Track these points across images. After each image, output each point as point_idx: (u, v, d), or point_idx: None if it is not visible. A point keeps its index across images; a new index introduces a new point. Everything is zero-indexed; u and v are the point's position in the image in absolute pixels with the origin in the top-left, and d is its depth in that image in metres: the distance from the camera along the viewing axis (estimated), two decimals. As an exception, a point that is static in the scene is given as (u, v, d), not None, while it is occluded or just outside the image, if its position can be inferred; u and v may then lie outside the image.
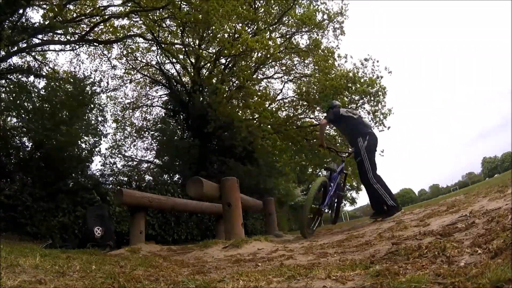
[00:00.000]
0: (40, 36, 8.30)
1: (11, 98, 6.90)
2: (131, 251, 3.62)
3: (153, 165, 11.90)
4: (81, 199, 6.38)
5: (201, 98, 10.89)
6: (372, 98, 10.46)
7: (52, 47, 9.09)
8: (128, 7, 6.88)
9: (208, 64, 11.56)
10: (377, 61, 10.57)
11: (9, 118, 7.44)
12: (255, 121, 10.38)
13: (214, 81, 10.74)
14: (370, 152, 3.65)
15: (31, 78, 8.34)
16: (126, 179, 8.63)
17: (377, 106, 10.64)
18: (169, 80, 12.26)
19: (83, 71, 10.51)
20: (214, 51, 11.12)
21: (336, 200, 3.95)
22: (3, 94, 7.31)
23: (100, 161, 8.07)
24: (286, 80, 12.46)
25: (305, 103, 11.68)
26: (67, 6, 6.83)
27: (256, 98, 10.26)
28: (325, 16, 10.79)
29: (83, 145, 7.32)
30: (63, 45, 8.84)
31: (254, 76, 10.81)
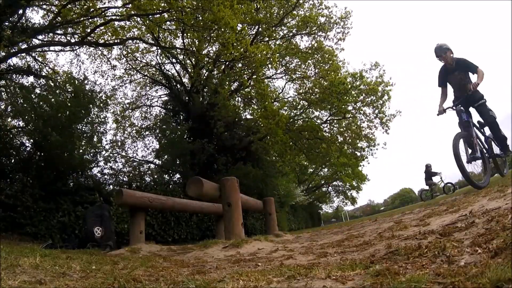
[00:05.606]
0: (40, 37, 8.29)
1: (12, 99, 6.89)
2: (131, 251, 3.62)
3: (153, 165, 11.88)
4: (82, 199, 6.38)
5: (201, 98, 10.90)
6: (376, 100, 10.59)
7: (52, 47, 9.07)
8: (129, 8, 6.84)
9: (208, 66, 11.56)
10: (384, 71, 10.84)
11: (9, 119, 7.43)
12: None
13: (214, 81, 10.76)
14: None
15: (31, 78, 8.34)
16: (126, 179, 8.62)
17: (381, 108, 10.76)
18: (169, 80, 12.26)
19: (84, 71, 10.53)
20: (214, 50, 11.13)
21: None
22: (3, 95, 7.30)
23: (101, 159, 8.01)
24: (287, 80, 12.51)
25: (306, 103, 11.70)
26: (68, 6, 6.80)
27: (263, 101, 10.34)
28: (327, 19, 10.89)
29: (83, 146, 7.28)
30: (62, 46, 8.82)
31: (254, 76, 10.84)
